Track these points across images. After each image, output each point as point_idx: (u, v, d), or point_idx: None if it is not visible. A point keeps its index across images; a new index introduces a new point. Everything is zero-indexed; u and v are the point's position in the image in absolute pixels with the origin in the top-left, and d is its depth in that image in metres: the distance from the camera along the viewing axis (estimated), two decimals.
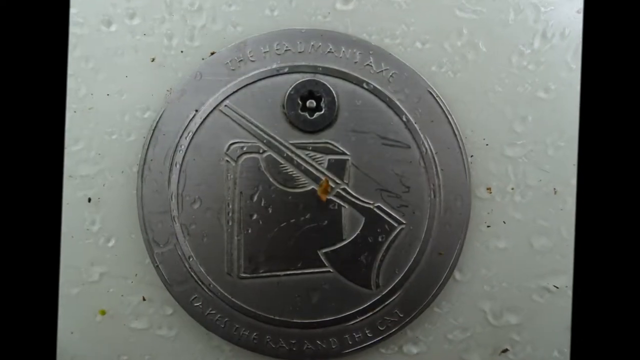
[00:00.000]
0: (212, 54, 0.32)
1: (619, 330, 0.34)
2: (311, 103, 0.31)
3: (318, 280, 0.31)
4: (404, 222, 0.31)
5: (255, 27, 0.32)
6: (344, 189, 0.31)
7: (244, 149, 0.31)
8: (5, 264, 0.34)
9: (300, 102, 0.31)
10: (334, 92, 0.31)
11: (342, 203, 0.31)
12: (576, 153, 0.32)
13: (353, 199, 0.31)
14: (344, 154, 0.31)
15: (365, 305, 0.31)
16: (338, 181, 0.31)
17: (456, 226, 0.31)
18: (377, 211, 0.31)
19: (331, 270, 0.31)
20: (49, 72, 0.33)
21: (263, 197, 0.31)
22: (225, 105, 0.31)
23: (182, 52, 0.32)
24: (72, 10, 0.32)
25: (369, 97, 0.31)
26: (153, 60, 0.32)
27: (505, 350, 0.32)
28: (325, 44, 0.31)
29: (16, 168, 0.34)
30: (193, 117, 0.31)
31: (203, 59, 0.32)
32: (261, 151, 0.31)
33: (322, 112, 0.31)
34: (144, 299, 0.32)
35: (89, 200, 0.32)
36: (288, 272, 0.31)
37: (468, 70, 0.32)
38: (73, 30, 0.32)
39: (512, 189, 0.32)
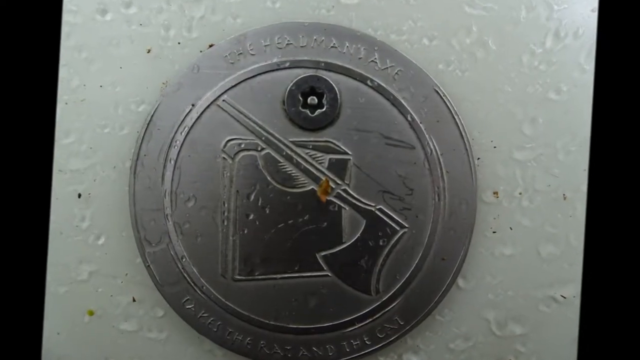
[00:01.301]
0: (211, 46, 0.31)
1: (627, 342, 0.34)
2: (312, 100, 0.31)
3: (316, 284, 0.30)
4: (407, 225, 0.30)
5: (256, 19, 0.31)
6: (344, 190, 0.31)
7: (242, 146, 0.30)
8: None
9: (301, 98, 0.31)
10: (336, 88, 0.30)
11: (342, 204, 0.31)
12: (587, 158, 0.31)
13: (354, 201, 0.31)
14: (345, 153, 0.31)
15: (365, 311, 0.31)
16: (339, 181, 0.31)
17: (461, 231, 0.31)
18: (379, 214, 0.30)
19: (330, 274, 0.31)
20: (41, 62, 0.33)
21: (260, 196, 0.31)
22: (223, 100, 0.31)
23: (179, 43, 0.31)
24: None
25: (373, 95, 0.31)
26: (149, 51, 0.31)
27: None
28: (329, 39, 0.31)
29: (4, 161, 0.34)
30: (189, 111, 0.30)
31: (201, 51, 0.31)
32: (259, 149, 0.31)
33: (324, 109, 0.31)
34: (134, 300, 0.31)
35: (79, 195, 0.31)
36: (285, 275, 0.31)
37: (477, 69, 0.31)
38: (66, 18, 0.31)
39: (520, 193, 0.31)
